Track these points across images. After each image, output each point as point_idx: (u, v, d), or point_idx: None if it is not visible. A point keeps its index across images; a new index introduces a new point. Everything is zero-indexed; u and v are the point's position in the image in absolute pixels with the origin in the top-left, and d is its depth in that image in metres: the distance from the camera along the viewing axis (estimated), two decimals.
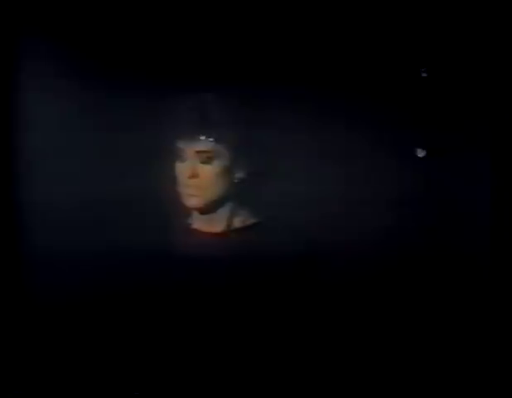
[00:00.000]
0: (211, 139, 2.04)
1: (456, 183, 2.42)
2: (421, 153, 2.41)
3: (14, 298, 2.39)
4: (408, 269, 2.40)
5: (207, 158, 2.05)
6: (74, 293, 2.39)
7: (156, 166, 2.21)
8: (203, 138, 2.04)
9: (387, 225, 2.41)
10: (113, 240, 2.35)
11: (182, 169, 2.07)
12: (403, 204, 2.41)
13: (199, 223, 2.13)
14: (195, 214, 2.12)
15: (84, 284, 2.38)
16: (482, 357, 2.37)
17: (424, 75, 2.39)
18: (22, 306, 2.40)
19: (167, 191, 2.17)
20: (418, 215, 2.41)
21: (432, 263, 2.41)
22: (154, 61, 2.45)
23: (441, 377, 2.36)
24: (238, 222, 2.10)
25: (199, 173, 2.05)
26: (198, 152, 2.04)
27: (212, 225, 2.10)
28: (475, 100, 2.41)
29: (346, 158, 2.45)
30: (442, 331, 2.38)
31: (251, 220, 2.12)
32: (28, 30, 2.41)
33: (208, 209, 2.09)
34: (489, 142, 2.40)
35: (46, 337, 2.40)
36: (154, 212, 2.34)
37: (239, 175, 2.08)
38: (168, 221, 2.19)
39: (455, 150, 2.43)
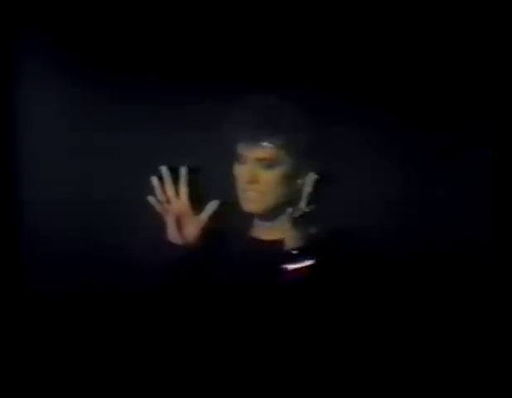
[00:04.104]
0: (272, 145, 1.93)
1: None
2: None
3: (14, 297, 2.40)
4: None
5: (268, 165, 1.94)
6: (75, 293, 2.39)
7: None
8: (264, 144, 1.93)
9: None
10: (113, 240, 2.36)
11: (242, 173, 1.97)
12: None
13: (258, 230, 2.03)
14: (255, 220, 2.02)
15: (85, 284, 2.40)
16: (482, 357, 2.37)
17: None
18: (23, 305, 2.40)
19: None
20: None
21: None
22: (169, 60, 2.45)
23: (442, 376, 2.36)
24: (298, 231, 1.95)
25: (259, 179, 1.94)
26: (258, 159, 1.94)
27: (271, 232, 1.99)
28: (475, 100, 2.42)
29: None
30: (443, 331, 2.39)
31: (312, 230, 1.98)
32: (28, 30, 2.41)
33: (267, 215, 1.98)
34: (489, 142, 2.40)
35: (46, 336, 2.41)
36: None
37: (301, 182, 1.95)
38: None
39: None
